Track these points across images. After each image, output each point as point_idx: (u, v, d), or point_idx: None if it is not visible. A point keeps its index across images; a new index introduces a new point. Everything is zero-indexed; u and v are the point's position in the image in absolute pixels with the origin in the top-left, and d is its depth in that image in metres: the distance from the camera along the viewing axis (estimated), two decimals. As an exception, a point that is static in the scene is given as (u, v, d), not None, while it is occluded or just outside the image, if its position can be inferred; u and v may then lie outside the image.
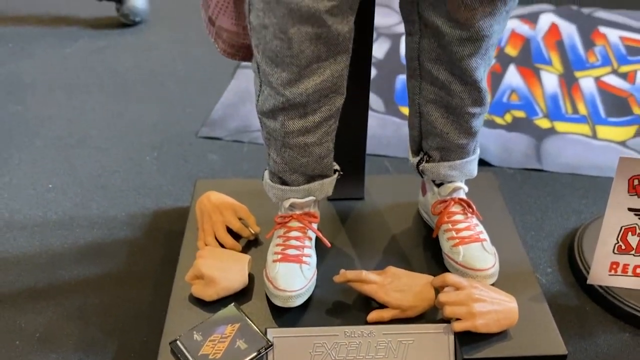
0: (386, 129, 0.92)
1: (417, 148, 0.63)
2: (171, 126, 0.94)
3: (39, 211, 0.78)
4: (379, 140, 0.90)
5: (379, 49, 1.13)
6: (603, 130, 0.91)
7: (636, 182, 0.60)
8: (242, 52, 0.54)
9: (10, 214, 0.77)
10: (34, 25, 1.22)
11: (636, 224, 0.62)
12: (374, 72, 1.06)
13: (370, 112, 0.95)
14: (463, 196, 0.64)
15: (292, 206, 0.60)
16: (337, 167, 0.63)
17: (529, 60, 1.08)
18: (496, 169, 0.84)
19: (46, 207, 0.78)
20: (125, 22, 1.19)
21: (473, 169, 0.63)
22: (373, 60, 1.09)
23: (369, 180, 0.75)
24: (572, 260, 0.70)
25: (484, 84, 0.55)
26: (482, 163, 0.84)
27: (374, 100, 0.99)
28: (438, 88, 0.56)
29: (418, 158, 0.63)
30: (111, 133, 0.92)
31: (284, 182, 0.60)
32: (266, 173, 0.61)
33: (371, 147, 0.88)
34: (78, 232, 0.75)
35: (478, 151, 0.63)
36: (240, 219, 0.67)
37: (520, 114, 0.95)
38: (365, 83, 0.64)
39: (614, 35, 1.15)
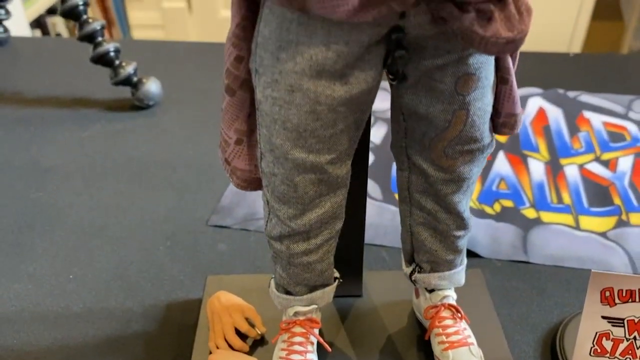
0: (383, 217, 0.99)
1: (410, 259, 0.70)
2: (183, 214, 1.00)
3: (61, 302, 0.84)
4: (376, 229, 0.96)
5: (376, 134, 1.20)
6: (585, 221, 0.98)
7: (607, 293, 0.66)
8: (254, 184, 0.61)
9: (34, 306, 0.83)
10: (54, 107, 1.30)
11: (610, 330, 0.68)
12: (371, 158, 1.13)
13: (367, 200, 1.03)
14: (452, 302, 0.70)
15: (296, 313, 0.67)
16: (337, 274, 0.69)
17: (517, 147, 1.15)
18: (485, 261, 0.90)
19: (67, 298, 0.84)
20: (140, 105, 1.28)
21: (461, 278, 0.69)
22: (371, 145, 1.17)
23: (367, 277, 0.82)
24: (554, 356, 0.75)
25: (467, 213, 0.62)
26: (472, 254, 0.91)
27: (372, 186, 1.06)
28: (426, 214, 0.63)
29: (411, 268, 0.70)
30: (127, 222, 0.99)
31: (288, 293, 0.66)
32: (272, 282, 0.68)
33: (369, 236, 0.94)
34: (97, 324, 0.81)
35: (465, 262, 0.70)
36: (247, 318, 0.74)
37: (508, 203, 1.01)
38: (362, 204, 0.71)
39: (597, 120, 1.23)
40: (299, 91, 0.48)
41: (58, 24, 2.63)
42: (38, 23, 2.67)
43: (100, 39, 1.22)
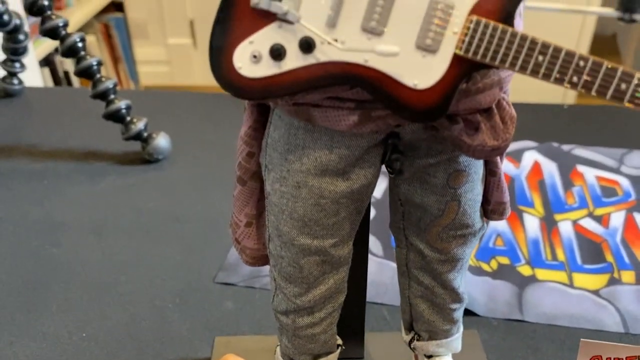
0: (384, 274, 1.03)
1: (409, 327, 0.74)
2: (191, 271, 1.04)
3: (74, 362, 0.87)
4: (377, 287, 1.00)
5: (377, 188, 1.25)
6: (579, 278, 1.01)
7: (597, 361, 0.70)
8: (262, 261, 0.65)
9: (49, 365, 0.87)
10: (67, 160, 1.35)
11: (599, 396, 0.71)
12: (372, 212, 1.18)
13: (369, 256, 1.06)
14: (449, 367, 0.74)
15: (301, 380, 0.70)
16: (339, 341, 0.73)
17: (513, 201, 1.19)
18: (481, 319, 0.94)
19: (80, 357, 0.88)
20: (149, 159, 1.33)
21: (457, 345, 0.73)
22: (372, 200, 1.21)
23: (368, 338, 0.85)
24: (548, 418, 0.78)
25: (462, 288, 0.67)
26: (469, 313, 0.94)
27: (373, 242, 1.10)
28: (424, 288, 0.67)
29: (410, 336, 0.74)
30: (137, 278, 1.03)
31: (293, 360, 0.70)
32: (278, 350, 0.72)
33: (369, 295, 0.97)
34: (109, 384, 0.84)
35: (462, 329, 0.74)
36: (254, 382, 0.77)
37: (504, 260, 1.05)
38: (363, 275, 0.75)
39: (590, 174, 1.27)
40: (304, 187, 0.53)
41: (66, 62, 2.72)
42: (47, 61, 2.75)
43: (112, 96, 1.27)
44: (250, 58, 0.43)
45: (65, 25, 1.24)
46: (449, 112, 0.47)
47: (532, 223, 1.14)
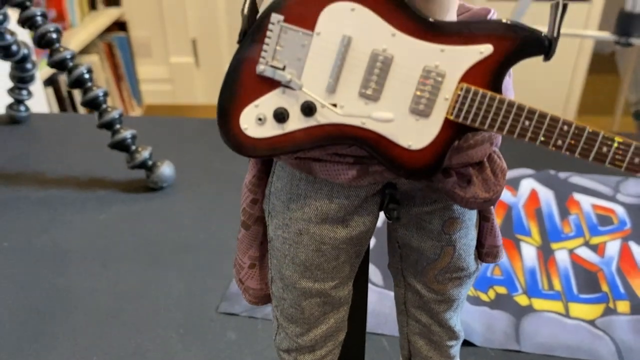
0: (384, 304, 1.05)
1: (407, 362, 0.76)
2: (194, 300, 1.06)
3: (80, 392, 0.89)
4: (377, 317, 1.02)
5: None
6: (575, 308, 1.03)
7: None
8: (264, 300, 0.67)
9: (56, 396, 0.89)
10: (73, 188, 1.38)
11: None
12: (373, 241, 1.20)
13: (369, 285, 1.09)
14: (447, 401, 0.76)
15: (302, 415, 0.72)
16: (340, 377, 0.75)
17: (510, 230, 1.22)
18: (479, 350, 0.96)
19: (87, 388, 0.90)
20: (154, 187, 1.35)
21: (454, 379, 0.75)
22: (372, 228, 1.24)
23: (367, 370, 0.87)
24: None
25: (458, 326, 0.69)
26: (467, 343, 0.96)
27: (373, 271, 1.12)
28: (422, 326, 0.69)
29: (408, 371, 0.76)
30: (142, 307, 1.05)
31: (295, 396, 0.72)
32: (280, 384, 0.74)
33: (369, 325, 1.00)
34: (115, 415, 0.86)
35: (458, 364, 0.76)
36: (257, 415, 0.79)
37: (502, 289, 1.07)
38: (363, 307, 0.77)
39: (586, 203, 1.29)
40: (306, 234, 0.56)
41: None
42: (50, 81, 2.80)
43: (118, 126, 1.30)
44: (256, 120, 0.46)
45: (73, 57, 1.27)
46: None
47: (529, 252, 1.16)
